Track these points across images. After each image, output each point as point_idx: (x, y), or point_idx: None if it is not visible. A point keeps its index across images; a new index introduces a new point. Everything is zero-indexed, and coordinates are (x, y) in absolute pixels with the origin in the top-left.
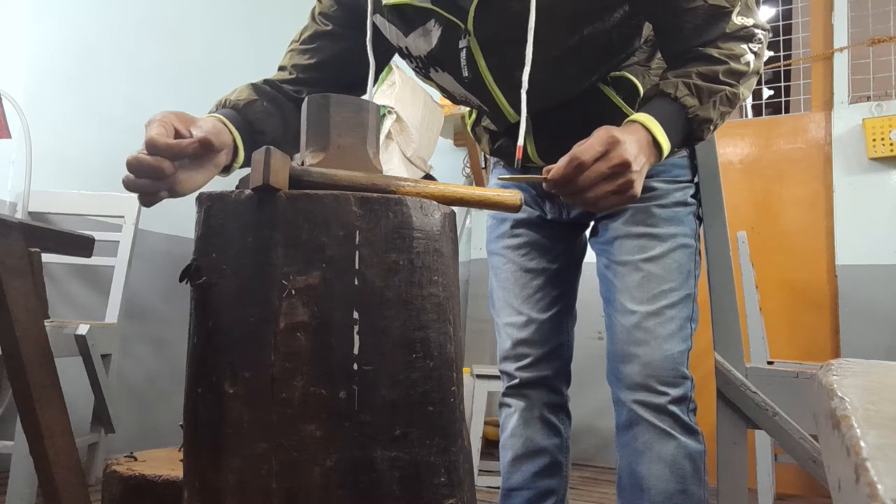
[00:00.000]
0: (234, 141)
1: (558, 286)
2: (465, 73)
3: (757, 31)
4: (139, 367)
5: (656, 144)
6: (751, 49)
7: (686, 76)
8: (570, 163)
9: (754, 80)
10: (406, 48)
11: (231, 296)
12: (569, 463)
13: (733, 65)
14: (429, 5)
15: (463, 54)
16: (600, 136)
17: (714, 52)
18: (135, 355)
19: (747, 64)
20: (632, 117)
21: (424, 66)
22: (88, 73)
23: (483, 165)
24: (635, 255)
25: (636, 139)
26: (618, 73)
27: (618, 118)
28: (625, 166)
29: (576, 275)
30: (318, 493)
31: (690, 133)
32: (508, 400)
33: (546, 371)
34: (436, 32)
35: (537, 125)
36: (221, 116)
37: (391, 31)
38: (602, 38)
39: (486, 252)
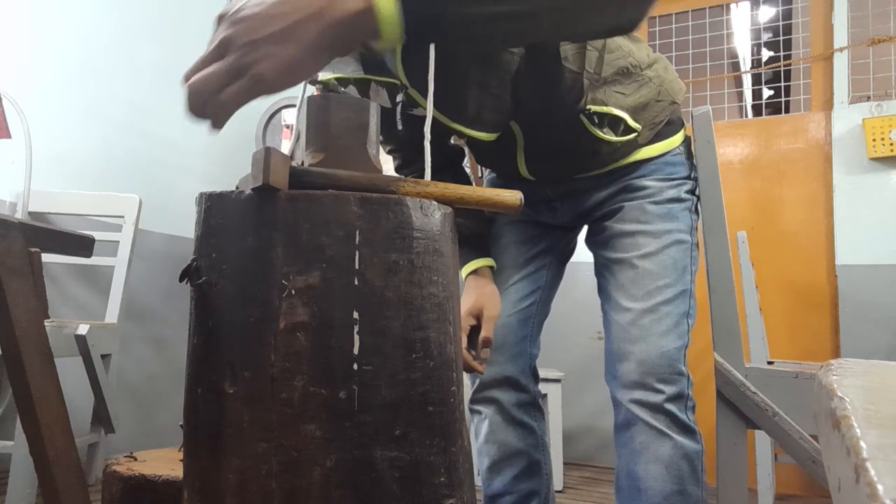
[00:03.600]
0: None
1: (532, 283)
2: (400, 127)
3: None
4: (139, 367)
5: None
6: None
7: None
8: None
9: None
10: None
11: (231, 296)
12: (548, 459)
13: None
14: (362, 75)
15: (398, 109)
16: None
17: None
18: (135, 355)
19: None
20: None
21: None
22: (88, 73)
23: (480, 175)
24: (629, 253)
25: None
26: (596, 107)
27: (599, 140)
28: (222, 48)
29: (555, 272)
30: (318, 493)
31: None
32: (477, 406)
33: (509, 370)
34: (382, 94)
35: (528, 140)
36: None
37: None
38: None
39: None
